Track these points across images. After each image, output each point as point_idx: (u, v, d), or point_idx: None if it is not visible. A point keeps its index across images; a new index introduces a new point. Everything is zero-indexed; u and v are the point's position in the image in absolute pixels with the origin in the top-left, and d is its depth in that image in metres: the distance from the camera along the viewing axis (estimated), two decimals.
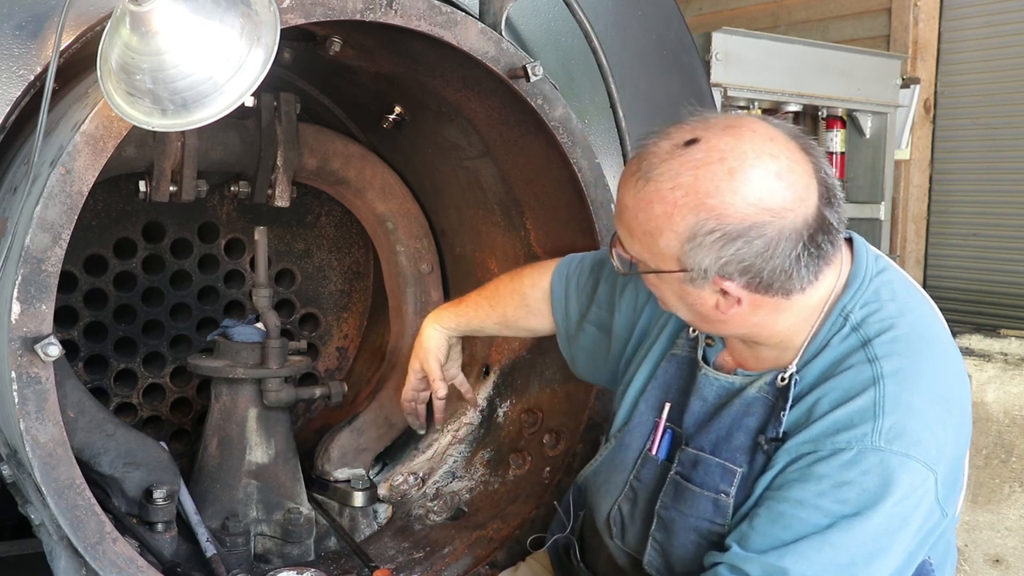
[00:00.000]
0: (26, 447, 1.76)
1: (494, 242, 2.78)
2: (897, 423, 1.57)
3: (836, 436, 1.59)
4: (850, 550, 1.56)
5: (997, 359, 3.65)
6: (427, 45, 2.21)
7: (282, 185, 2.67)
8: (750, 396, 1.75)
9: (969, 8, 4.79)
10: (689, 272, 1.61)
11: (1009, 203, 4.69)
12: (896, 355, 1.63)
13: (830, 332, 1.69)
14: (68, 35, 2.03)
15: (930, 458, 1.58)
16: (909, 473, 1.57)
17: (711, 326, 1.75)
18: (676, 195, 1.57)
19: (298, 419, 3.09)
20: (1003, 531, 3.51)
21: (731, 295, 1.62)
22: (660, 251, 1.62)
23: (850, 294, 1.69)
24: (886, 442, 1.56)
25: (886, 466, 1.56)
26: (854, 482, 1.56)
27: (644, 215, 1.61)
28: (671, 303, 1.73)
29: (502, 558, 2.47)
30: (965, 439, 1.72)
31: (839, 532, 1.56)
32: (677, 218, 1.57)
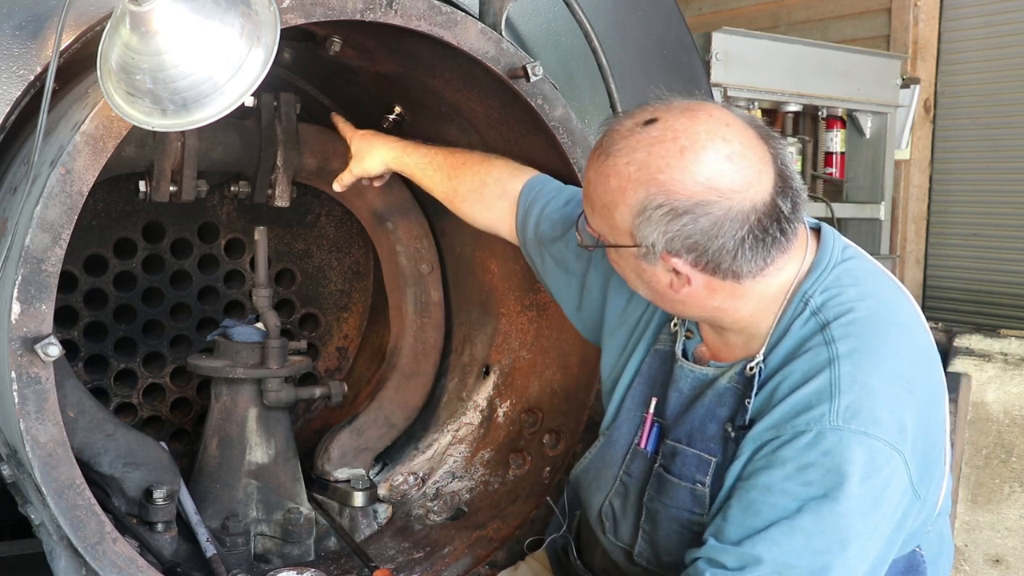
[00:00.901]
0: (26, 447, 1.76)
1: (494, 242, 2.78)
2: (853, 402, 1.58)
3: (795, 420, 1.60)
4: (824, 535, 1.56)
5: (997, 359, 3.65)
6: (427, 45, 2.21)
7: (282, 185, 2.67)
8: (721, 387, 1.78)
9: (969, 8, 4.79)
10: (640, 247, 1.66)
11: (1009, 203, 4.69)
12: (852, 336, 1.64)
13: (792, 318, 1.71)
14: (68, 35, 2.03)
15: (891, 437, 1.58)
16: (869, 452, 1.57)
17: (672, 306, 1.79)
18: (630, 170, 1.63)
19: (298, 419, 3.09)
20: (1003, 531, 3.51)
21: (681, 274, 1.66)
22: (616, 225, 1.68)
23: (811, 280, 1.72)
24: (843, 421, 1.57)
25: (845, 445, 1.56)
26: (816, 463, 1.57)
27: (603, 188, 1.68)
28: (631, 280, 1.78)
29: (502, 558, 2.47)
30: (936, 421, 1.71)
31: (809, 515, 1.56)
32: (630, 192, 1.63)
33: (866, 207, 4.65)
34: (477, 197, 2.34)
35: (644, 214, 1.62)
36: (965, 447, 3.55)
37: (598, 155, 1.70)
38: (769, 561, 1.56)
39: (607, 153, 1.67)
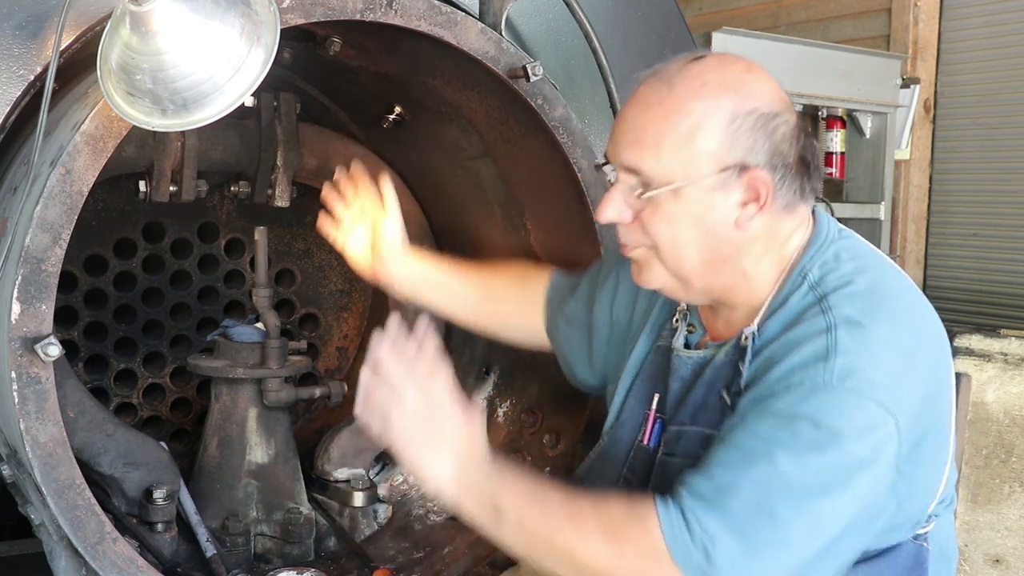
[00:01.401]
0: (26, 447, 1.76)
1: (494, 242, 2.78)
2: (848, 363, 1.56)
3: (789, 378, 1.59)
4: (805, 482, 1.53)
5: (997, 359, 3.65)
6: (427, 45, 2.21)
7: (282, 185, 2.67)
8: (719, 361, 1.77)
9: (969, 8, 4.79)
10: (723, 172, 1.62)
11: (1009, 203, 4.69)
12: (850, 307, 1.62)
13: (790, 291, 1.71)
14: (68, 35, 2.03)
15: (886, 401, 1.56)
16: (862, 411, 1.55)
17: (704, 276, 1.73)
18: (709, 88, 1.62)
19: (298, 419, 3.09)
20: (1003, 531, 3.51)
21: (760, 197, 1.64)
22: (696, 153, 1.62)
23: (809, 255, 1.73)
24: (838, 380, 1.55)
25: (837, 402, 1.55)
26: (806, 416, 1.55)
27: (677, 117, 1.63)
28: (682, 238, 1.69)
29: (502, 558, 2.47)
30: (940, 404, 1.69)
31: (793, 463, 1.54)
32: (714, 107, 1.61)
33: (866, 207, 4.64)
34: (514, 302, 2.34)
35: (735, 123, 1.61)
36: (965, 447, 3.55)
37: (655, 91, 1.65)
38: (747, 496, 1.54)
39: (669, 83, 1.64)
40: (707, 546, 1.53)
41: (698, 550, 1.53)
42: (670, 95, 1.64)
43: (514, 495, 1.68)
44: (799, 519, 1.54)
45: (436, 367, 1.74)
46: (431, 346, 1.75)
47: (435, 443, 1.70)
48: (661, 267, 1.73)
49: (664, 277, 1.75)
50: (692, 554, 1.54)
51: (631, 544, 1.58)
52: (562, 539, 1.63)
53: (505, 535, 1.70)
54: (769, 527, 1.54)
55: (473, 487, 1.70)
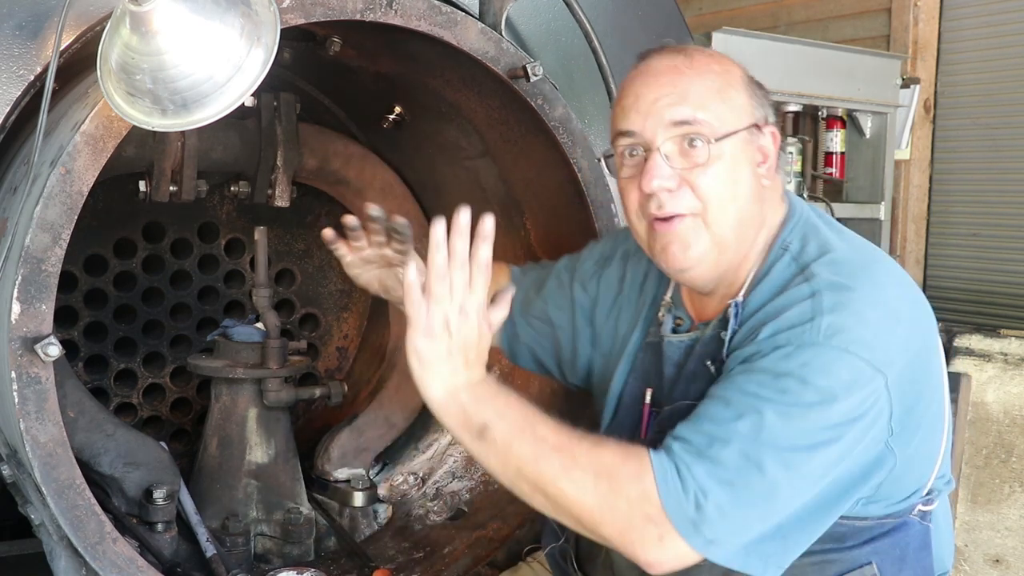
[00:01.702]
0: (26, 447, 1.76)
1: (494, 242, 2.78)
2: (835, 321, 1.57)
3: (776, 339, 1.60)
4: (792, 437, 1.54)
5: (997, 359, 3.65)
6: (427, 45, 2.21)
7: (282, 185, 2.67)
8: (707, 337, 1.79)
9: (969, 8, 4.79)
10: (749, 128, 1.73)
11: (1009, 203, 4.68)
12: (833, 273, 1.64)
13: (772, 262, 1.75)
14: (68, 35, 2.03)
15: (874, 358, 1.56)
16: (850, 368, 1.55)
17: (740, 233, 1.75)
18: (717, 57, 1.77)
19: (298, 419, 3.09)
20: (1003, 531, 3.51)
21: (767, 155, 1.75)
22: (736, 106, 1.73)
23: (788, 228, 1.78)
24: (824, 338, 1.56)
25: (825, 359, 1.55)
26: (793, 373, 1.55)
27: (709, 77, 1.72)
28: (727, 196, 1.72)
29: (502, 558, 2.47)
30: (929, 364, 1.69)
31: (780, 418, 1.54)
32: (732, 70, 1.76)
33: (866, 207, 4.64)
34: None
35: (750, 85, 1.76)
36: (965, 447, 3.55)
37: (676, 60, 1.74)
38: (736, 449, 1.54)
39: (685, 53, 1.75)
40: (699, 497, 1.53)
41: (690, 502, 1.54)
42: (692, 61, 1.73)
43: (504, 423, 1.65)
44: (786, 473, 1.54)
45: (478, 279, 1.70)
46: (484, 253, 1.72)
47: (441, 356, 1.67)
48: (706, 234, 1.73)
49: (705, 246, 1.74)
50: (684, 505, 1.54)
51: (622, 490, 1.57)
52: (550, 476, 1.60)
53: (488, 462, 1.68)
54: (757, 480, 1.54)
55: (464, 404, 1.67)
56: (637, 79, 1.76)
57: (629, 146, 1.75)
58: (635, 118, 1.73)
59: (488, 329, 1.72)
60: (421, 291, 1.68)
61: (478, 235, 1.70)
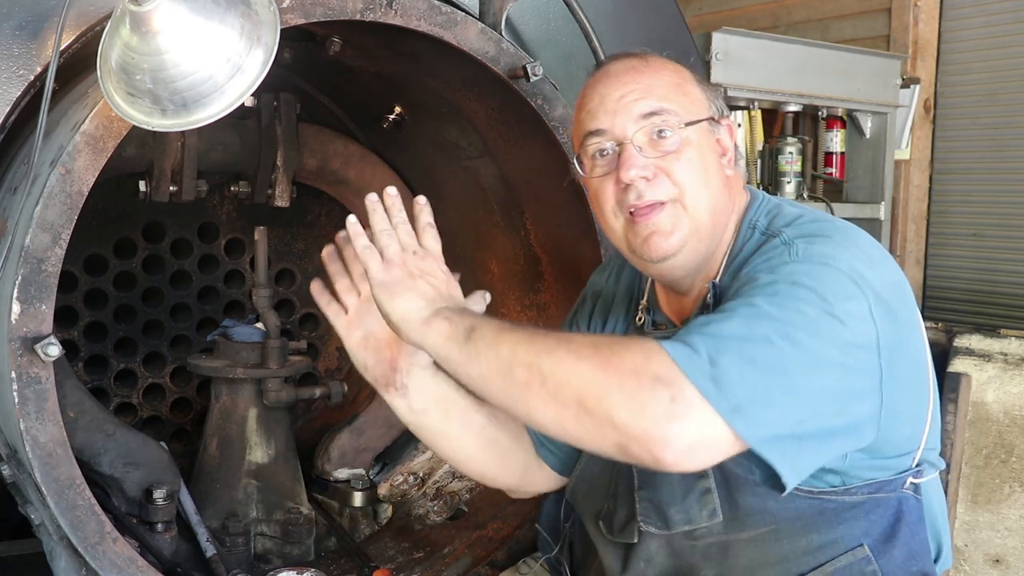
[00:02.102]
0: (26, 447, 1.76)
1: (494, 242, 2.78)
2: (811, 248, 1.60)
3: (756, 269, 1.63)
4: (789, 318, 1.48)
5: (997, 359, 3.64)
6: (427, 45, 2.21)
7: (282, 185, 2.67)
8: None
9: (969, 8, 4.78)
10: (709, 120, 1.78)
11: (1009, 203, 4.68)
12: (805, 232, 1.68)
13: (743, 242, 1.78)
14: (68, 35, 2.03)
15: (856, 278, 1.56)
16: (834, 280, 1.54)
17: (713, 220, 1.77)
18: (668, 59, 1.83)
19: (298, 419, 3.09)
20: (1003, 531, 3.50)
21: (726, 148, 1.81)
22: (692, 99, 1.79)
23: (753, 209, 1.83)
24: (804, 256, 1.59)
25: (809, 269, 1.56)
26: (780, 280, 1.55)
27: (666, 74, 1.79)
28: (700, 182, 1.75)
29: (502, 558, 2.47)
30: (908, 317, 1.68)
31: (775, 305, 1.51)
32: (683, 69, 1.83)
33: (866, 207, 4.64)
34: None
35: (701, 83, 1.82)
36: (965, 447, 3.55)
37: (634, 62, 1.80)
38: (739, 327, 1.48)
39: (639, 56, 1.81)
40: (712, 356, 1.41)
41: (703, 359, 1.41)
42: (648, 61, 1.81)
43: (493, 323, 1.59)
44: (793, 347, 1.46)
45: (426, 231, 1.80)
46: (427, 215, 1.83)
47: (406, 283, 1.68)
48: (685, 219, 1.74)
49: (685, 233, 1.74)
50: (698, 362, 1.41)
51: (630, 356, 1.42)
52: (548, 358, 1.46)
53: (479, 362, 1.53)
54: (766, 349, 1.45)
55: (446, 315, 1.60)
56: (598, 83, 1.81)
57: (598, 145, 1.78)
58: (603, 117, 1.77)
59: (453, 280, 1.76)
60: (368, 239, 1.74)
61: (416, 210, 1.82)
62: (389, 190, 1.78)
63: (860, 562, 1.70)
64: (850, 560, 1.70)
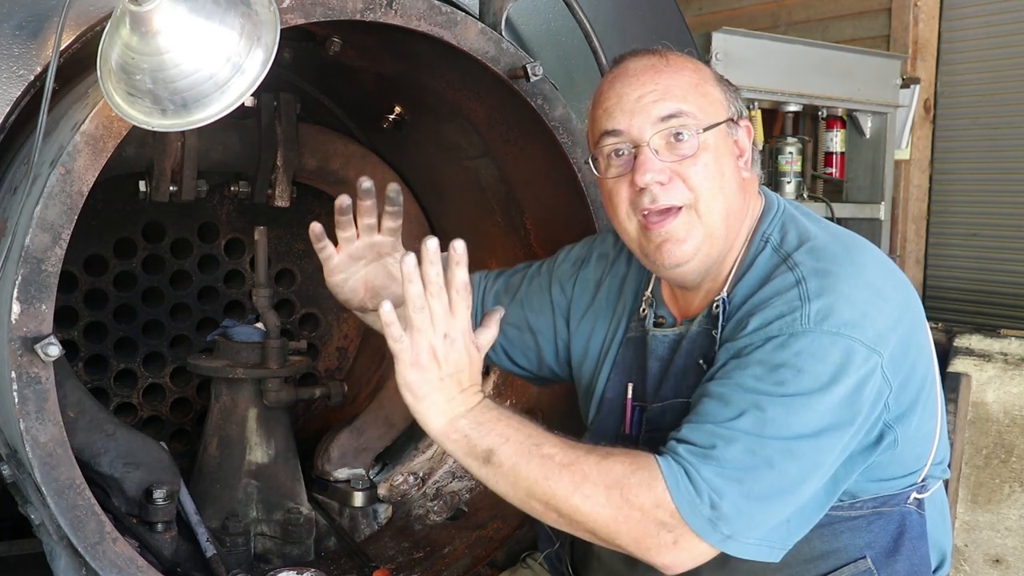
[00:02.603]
0: (26, 447, 1.76)
1: (494, 242, 2.78)
2: (824, 306, 1.59)
3: (767, 327, 1.61)
4: (794, 425, 1.55)
5: (997, 359, 3.65)
6: (427, 45, 2.21)
7: (282, 185, 2.67)
8: (693, 332, 1.80)
9: (969, 8, 4.78)
10: (727, 122, 1.76)
11: (1009, 203, 4.68)
12: (815, 260, 1.67)
13: (754, 255, 1.77)
14: (68, 35, 2.03)
15: (867, 338, 1.58)
16: (843, 351, 1.56)
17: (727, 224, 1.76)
18: (687, 57, 1.80)
19: (298, 419, 3.09)
20: (1003, 531, 3.50)
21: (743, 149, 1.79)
22: (711, 101, 1.76)
23: (767, 221, 1.80)
24: (815, 323, 1.58)
25: (818, 345, 1.56)
26: (788, 363, 1.56)
27: (687, 72, 1.77)
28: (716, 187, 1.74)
29: (502, 558, 2.47)
30: (917, 340, 1.70)
31: (781, 408, 1.55)
32: (703, 68, 1.80)
33: (866, 207, 4.64)
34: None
35: (721, 82, 1.80)
36: (965, 447, 3.55)
37: (653, 60, 1.77)
38: (741, 446, 1.55)
39: (660, 55, 1.78)
40: (713, 498, 1.55)
41: (704, 503, 1.55)
42: (668, 59, 1.77)
43: (509, 445, 1.65)
44: (795, 463, 1.55)
45: (459, 304, 1.65)
46: (461, 277, 1.65)
47: (433, 385, 1.65)
48: (699, 226, 1.74)
49: (699, 240, 1.75)
50: (699, 507, 1.55)
51: (635, 499, 1.57)
52: (561, 494, 1.61)
53: (496, 485, 1.68)
54: (767, 474, 1.55)
55: (465, 432, 1.66)
56: (616, 81, 1.78)
57: (615, 146, 1.76)
58: (620, 117, 1.74)
59: (477, 351, 1.70)
60: (401, 325, 1.63)
61: (451, 260, 1.63)
62: (429, 244, 1.62)
63: (863, 574, 1.71)
64: (853, 572, 1.71)
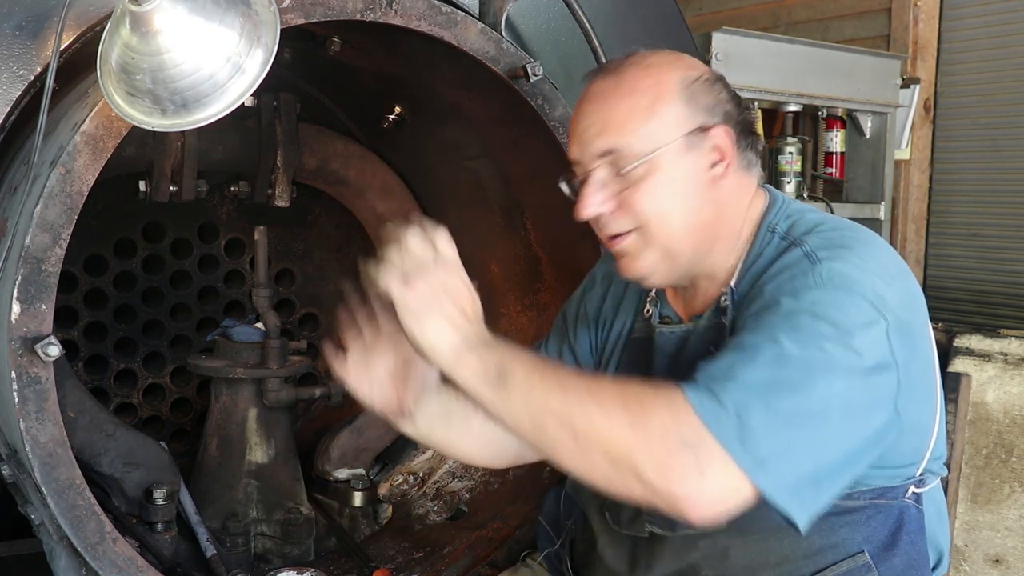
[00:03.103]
0: (26, 447, 1.76)
1: (494, 242, 2.78)
2: (833, 267, 1.59)
3: (780, 289, 1.61)
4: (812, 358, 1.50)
5: (997, 359, 3.64)
6: (427, 45, 2.21)
7: (282, 185, 2.67)
8: (702, 327, 1.79)
9: (969, 8, 4.78)
10: (689, 135, 1.69)
11: (1009, 203, 4.68)
12: (826, 242, 1.66)
13: (762, 246, 1.76)
14: (68, 35, 2.03)
15: (876, 301, 1.56)
16: (857, 308, 1.55)
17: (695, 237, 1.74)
18: (653, 68, 1.73)
19: (298, 419, 3.09)
20: (1003, 531, 3.50)
21: (724, 153, 1.72)
22: (661, 122, 1.69)
23: (773, 212, 1.79)
24: (827, 279, 1.57)
25: (832, 297, 1.55)
26: (804, 310, 1.55)
27: (635, 96, 1.71)
28: (666, 209, 1.72)
29: (502, 558, 2.47)
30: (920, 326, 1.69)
31: (799, 345, 1.51)
32: (666, 79, 1.71)
33: (866, 207, 4.64)
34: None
35: (689, 89, 1.70)
36: (965, 447, 3.55)
37: (605, 81, 1.73)
38: (763, 371, 1.49)
39: (616, 74, 1.73)
40: (739, 411, 1.44)
41: (730, 415, 1.44)
42: (620, 82, 1.73)
43: (523, 364, 1.57)
44: (816, 391, 1.49)
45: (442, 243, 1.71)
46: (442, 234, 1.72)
47: (428, 304, 1.61)
48: (651, 248, 1.74)
49: (654, 257, 1.75)
50: (724, 418, 1.43)
51: (655, 411, 1.46)
52: (577, 404, 1.49)
53: (510, 407, 1.55)
54: (790, 396, 1.48)
55: (477, 352, 1.59)
56: (578, 105, 1.79)
57: (575, 174, 1.80)
58: (575, 147, 1.78)
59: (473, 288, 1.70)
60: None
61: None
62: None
63: (860, 569, 1.70)
64: (851, 566, 1.70)
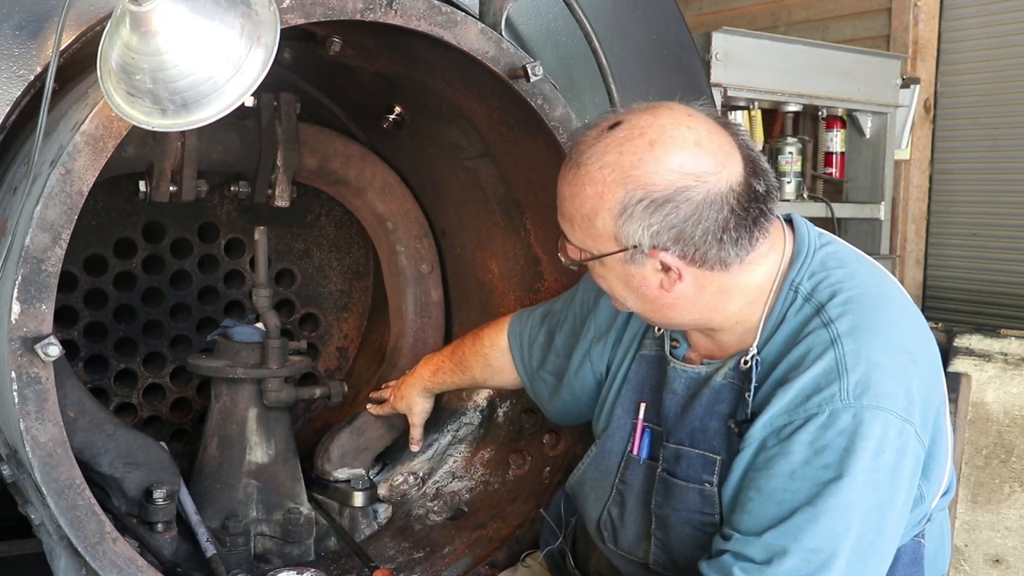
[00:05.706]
0: (26, 447, 1.76)
1: (494, 242, 2.78)
2: (862, 378, 1.59)
3: (806, 404, 1.61)
4: (847, 514, 1.56)
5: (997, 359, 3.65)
6: (427, 45, 2.21)
7: (282, 185, 2.67)
8: (717, 383, 1.78)
9: (969, 8, 4.79)
10: (628, 250, 1.65)
11: (1009, 203, 4.69)
12: (849, 314, 1.65)
13: (784, 307, 1.72)
14: (68, 35, 2.03)
15: (901, 408, 1.60)
16: (883, 425, 1.58)
17: (663, 314, 1.76)
18: (604, 174, 1.65)
19: (298, 419, 3.09)
20: (1003, 531, 3.51)
21: (671, 270, 1.66)
22: (599, 233, 1.67)
23: (796, 267, 1.74)
24: (855, 398, 1.58)
25: (859, 421, 1.57)
26: (832, 444, 1.57)
27: (580, 199, 1.69)
28: (619, 294, 1.77)
29: (502, 558, 2.47)
30: (937, 394, 1.73)
31: (831, 498, 1.56)
32: (608, 195, 1.64)
33: (866, 207, 4.65)
34: (491, 371, 2.40)
35: (626, 212, 1.63)
36: (965, 447, 3.55)
37: (569, 168, 1.72)
38: (796, 550, 1.56)
39: (578, 164, 1.70)
40: None
41: None
42: (576, 176, 1.70)
43: None
44: (849, 565, 1.58)
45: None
46: None
47: None
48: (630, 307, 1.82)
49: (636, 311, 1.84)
50: None
51: None
52: None
53: None
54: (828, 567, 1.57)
55: None
56: (562, 165, 1.80)
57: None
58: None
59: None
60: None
61: None
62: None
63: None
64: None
